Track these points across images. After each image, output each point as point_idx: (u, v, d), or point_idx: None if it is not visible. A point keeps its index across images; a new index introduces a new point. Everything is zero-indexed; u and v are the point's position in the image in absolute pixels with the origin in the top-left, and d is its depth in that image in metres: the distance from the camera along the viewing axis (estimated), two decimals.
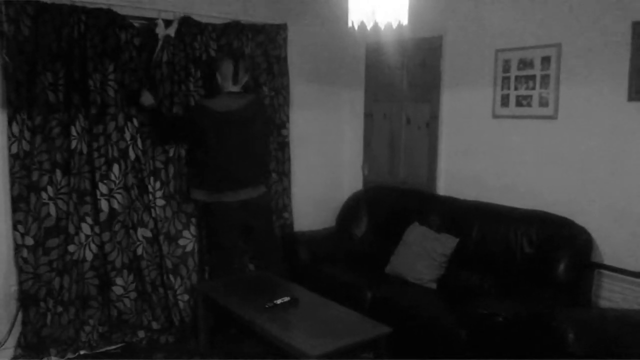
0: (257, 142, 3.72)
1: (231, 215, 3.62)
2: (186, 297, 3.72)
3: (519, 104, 3.52)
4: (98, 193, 3.44)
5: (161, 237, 3.66)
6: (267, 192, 3.95)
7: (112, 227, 3.50)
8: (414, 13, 2.38)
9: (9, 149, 3.20)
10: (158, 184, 3.65)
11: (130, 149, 3.56)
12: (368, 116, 4.60)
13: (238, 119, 3.56)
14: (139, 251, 3.60)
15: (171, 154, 3.69)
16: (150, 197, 3.62)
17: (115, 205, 3.50)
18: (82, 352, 3.42)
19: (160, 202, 3.65)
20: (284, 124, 4.26)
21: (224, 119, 3.52)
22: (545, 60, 3.35)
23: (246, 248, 4.01)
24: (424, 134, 4.13)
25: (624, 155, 3.06)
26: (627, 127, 3.04)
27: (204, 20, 3.77)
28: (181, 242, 3.73)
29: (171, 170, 3.69)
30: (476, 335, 2.85)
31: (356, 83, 4.64)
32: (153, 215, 3.64)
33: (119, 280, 3.54)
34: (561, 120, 3.33)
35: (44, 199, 3.30)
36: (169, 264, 3.68)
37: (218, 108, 3.53)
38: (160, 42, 3.57)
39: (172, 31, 3.60)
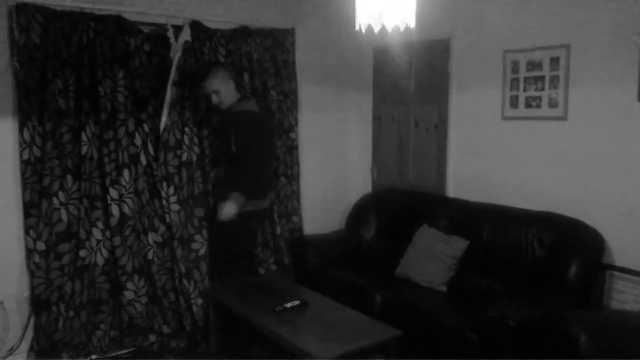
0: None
1: (257, 219, 3.69)
2: (200, 300, 3.72)
3: (528, 105, 3.51)
4: (109, 198, 3.46)
5: (175, 242, 3.67)
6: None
7: (123, 232, 3.52)
8: (421, 15, 2.38)
9: (21, 155, 3.23)
10: (172, 189, 3.65)
11: (142, 154, 3.57)
12: (376, 119, 4.60)
13: (261, 120, 3.68)
14: (150, 256, 3.62)
15: (184, 158, 3.68)
16: (164, 202, 3.63)
17: (126, 210, 3.51)
18: (93, 357, 3.44)
19: (175, 207, 3.65)
20: (292, 128, 4.26)
21: (260, 121, 3.62)
22: (554, 61, 3.34)
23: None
24: (433, 137, 4.12)
25: (635, 155, 3.04)
26: (637, 127, 3.02)
27: (211, 25, 3.79)
28: (194, 246, 3.74)
29: (184, 174, 3.69)
30: (487, 338, 2.83)
31: (364, 86, 4.64)
32: (167, 220, 3.65)
33: (129, 285, 3.56)
34: (571, 121, 3.31)
35: (55, 205, 3.32)
36: (182, 268, 3.68)
37: (255, 110, 3.62)
38: (180, 49, 3.58)
39: (188, 36, 3.63)
